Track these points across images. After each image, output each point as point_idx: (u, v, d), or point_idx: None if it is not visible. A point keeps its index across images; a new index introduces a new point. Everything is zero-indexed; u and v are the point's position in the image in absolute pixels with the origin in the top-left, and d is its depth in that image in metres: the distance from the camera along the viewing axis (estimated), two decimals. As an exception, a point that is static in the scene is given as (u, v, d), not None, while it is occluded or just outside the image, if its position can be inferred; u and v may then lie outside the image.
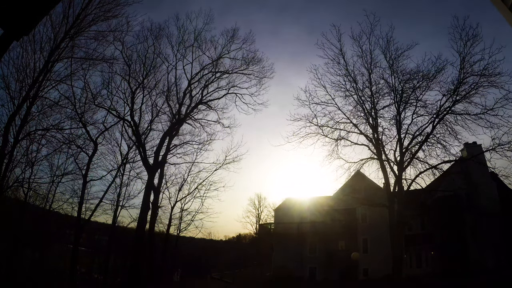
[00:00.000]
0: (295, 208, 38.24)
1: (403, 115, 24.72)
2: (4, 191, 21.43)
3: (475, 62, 21.48)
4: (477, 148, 25.50)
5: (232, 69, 30.89)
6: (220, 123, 31.67)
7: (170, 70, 30.31)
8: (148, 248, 29.02)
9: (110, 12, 22.02)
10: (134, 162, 33.11)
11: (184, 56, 30.33)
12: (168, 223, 38.95)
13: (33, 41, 20.34)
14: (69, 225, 33.02)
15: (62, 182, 29.98)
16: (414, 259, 32.37)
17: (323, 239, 34.88)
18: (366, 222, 34.53)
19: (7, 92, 20.26)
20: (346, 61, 25.71)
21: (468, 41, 21.46)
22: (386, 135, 25.26)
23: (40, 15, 3.37)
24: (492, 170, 22.61)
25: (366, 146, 25.31)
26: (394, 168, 24.21)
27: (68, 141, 25.40)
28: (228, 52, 30.44)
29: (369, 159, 25.25)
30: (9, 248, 25.29)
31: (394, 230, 23.24)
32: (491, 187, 28.01)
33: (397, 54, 24.46)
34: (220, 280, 39.94)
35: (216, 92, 31.39)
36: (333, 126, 25.58)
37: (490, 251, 26.87)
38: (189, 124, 31.61)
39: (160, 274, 35.78)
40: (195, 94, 30.80)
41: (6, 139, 18.99)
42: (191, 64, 30.41)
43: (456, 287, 20.90)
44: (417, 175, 23.42)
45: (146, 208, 27.18)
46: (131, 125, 28.36)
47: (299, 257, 34.17)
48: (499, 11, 3.65)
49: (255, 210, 63.78)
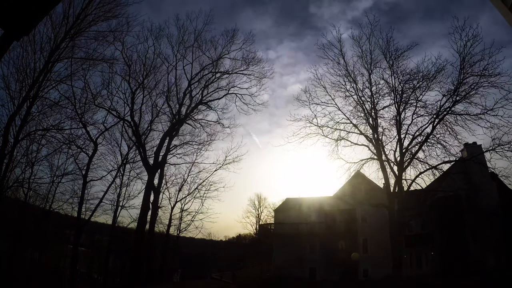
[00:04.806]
0: (295, 209, 38.19)
1: (403, 116, 24.76)
2: (4, 191, 21.43)
3: (475, 62, 21.51)
4: (477, 148, 25.50)
5: (232, 69, 30.95)
6: (220, 124, 31.73)
7: (170, 71, 30.36)
8: (148, 249, 29.01)
9: (110, 12, 22.07)
10: (134, 163, 33.17)
11: (184, 57, 30.38)
12: (168, 223, 39.00)
13: (33, 41, 20.37)
14: (69, 225, 33.02)
15: (62, 182, 30.06)
16: (414, 259, 32.35)
17: (323, 239, 34.85)
18: (366, 222, 34.49)
19: (7, 92, 20.30)
20: (346, 61, 25.77)
21: (468, 41, 21.49)
22: (386, 135, 25.29)
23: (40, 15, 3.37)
24: (492, 170, 22.61)
25: (366, 146, 25.34)
26: (394, 169, 24.23)
27: (68, 141, 25.43)
28: (228, 53, 30.50)
29: (369, 159, 25.28)
30: (9, 248, 25.29)
31: (394, 230, 23.24)
32: (491, 188, 27.97)
33: (397, 54, 24.50)
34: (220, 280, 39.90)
35: (216, 93, 31.44)
36: (333, 127, 25.63)
37: (490, 251, 26.86)
38: (189, 125, 31.65)
39: (160, 274, 35.78)
40: (195, 95, 30.84)
41: (6, 139, 18.99)
42: (191, 64, 30.46)
43: (456, 287, 20.88)
44: (417, 175, 23.44)
45: (146, 208, 27.18)
46: (131, 125, 28.36)
47: (299, 257, 34.11)
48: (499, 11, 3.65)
49: (255, 211, 63.82)
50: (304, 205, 38.26)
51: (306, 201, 39.04)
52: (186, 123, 31.15)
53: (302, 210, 37.74)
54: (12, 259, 24.85)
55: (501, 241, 26.66)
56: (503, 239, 26.65)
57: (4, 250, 25.52)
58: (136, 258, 26.41)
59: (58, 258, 34.35)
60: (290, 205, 39.38)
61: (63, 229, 35.95)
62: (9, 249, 25.23)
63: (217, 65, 30.71)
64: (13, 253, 25.13)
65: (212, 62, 30.48)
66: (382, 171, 24.22)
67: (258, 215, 63.34)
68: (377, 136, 24.79)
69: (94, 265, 44.79)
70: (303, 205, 38.35)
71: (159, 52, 29.91)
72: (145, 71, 28.70)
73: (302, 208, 37.97)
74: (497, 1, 3.62)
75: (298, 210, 37.85)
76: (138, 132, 28.55)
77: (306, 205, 38.21)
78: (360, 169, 25.96)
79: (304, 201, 39.32)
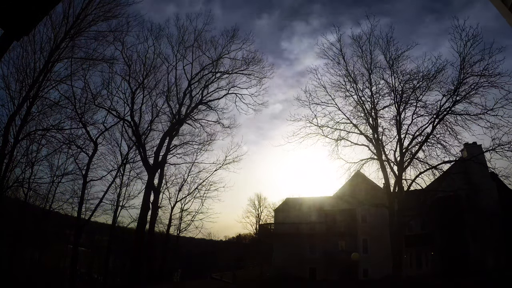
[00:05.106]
0: (295, 209, 38.20)
1: (403, 116, 24.74)
2: (4, 191, 21.42)
3: (475, 62, 21.48)
4: (477, 148, 25.47)
5: (232, 69, 30.96)
6: (220, 123, 31.76)
7: (170, 70, 30.38)
8: (148, 249, 29.01)
9: (110, 12, 22.08)
10: (134, 162, 33.15)
11: (184, 56, 30.41)
12: (168, 223, 39.01)
13: (33, 41, 20.36)
14: (69, 225, 32.99)
15: (62, 182, 30.01)
16: (414, 259, 32.35)
17: (323, 239, 34.86)
18: (366, 222, 34.50)
19: (7, 92, 20.31)
20: (346, 61, 25.75)
21: (468, 41, 21.48)
22: (386, 135, 25.27)
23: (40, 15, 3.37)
24: (492, 171, 22.59)
25: (366, 146, 25.33)
26: (394, 169, 24.21)
27: (68, 141, 25.42)
28: (228, 52, 30.51)
29: (369, 159, 25.26)
30: (9, 248, 25.28)
31: (394, 230, 23.23)
32: (491, 188, 27.97)
33: (397, 54, 24.49)
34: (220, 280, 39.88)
35: (216, 92, 31.46)
36: (333, 127, 25.61)
37: (490, 251, 26.86)
38: (189, 124, 31.68)
39: (160, 274, 35.77)
40: (195, 94, 30.85)
41: (6, 139, 18.99)
42: (191, 64, 30.48)
43: (456, 287, 20.88)
44: (417, 175, 23.42)
45: (146, 208, 27.19)
46: (131, 125, 28.37)
47: (299, 257, 34.12)
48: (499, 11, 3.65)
49: (255, 211, 63.79)
50: (304, 205, 38.27)
51: (306, 201, 39.06)
52: (186, 123, 31.19)
53: (302, 210, 37.76)
54: (12, 259, 24.83)
55: (501, 241, 26.66)
56: (503, 239, 26.65)
57: (4, 250, 25.50)
58: (136, 258, 26.42)
59: (58, 258, 34.30)
60: (290, 205, 39.39)
61: (63, 229, 35.91)
62: (9, 249, 25.22)
63: (217, 65, 30.76)
64: (13, 253, 25.11)
65: (212, 62, 30.52)
66: (382, 171, 24.21)
67: (258, 215, 63.37)
68: (377, 136, 24.78)
69: (94, 265, 44.77)
70: (303, 205, 38.36)
71: (159, 52, 29.96)
72: (145, 71, 28.75)
73: (302, 208, 37.99)
74: (497, 1, 3.62)
75: (298, 210, 37.86)
76: (138, 132, 28.55)
77: (306, 205, 38.22)
78: (360, 169, 25.97)
79: (304, 201, 39.34)
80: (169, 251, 43.53)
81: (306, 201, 39.01)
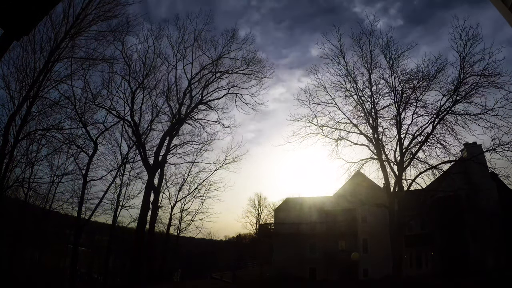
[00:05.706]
0: (295, 208, 38.18)
1: (403, 115, 24.70)
2: (4, 191, 21.43)
3: (475, 62, 21.42)
4: (477, 148, 25.46)
5: (232, 69, 30.95)
6: (220, 123, 31.79)
7: (170, 70, 30.38)
8: (148, 248, 29.02)
9: (110, 12, 22.10)
10: (134, 162, 33.17)
11: (184, 56, 30.41)
12: (168, 223, 39.04)
13: (33, 41, 20.37)
14: (69, 225, 33.00)
15: (62, 182, 30.02)
16: (414, 259, 32.35)
17: (323, 239, 34.85)
18: (366, 222, 34.48)
19: (7, 92, 20.32)
20: (346, 61, 25.74)
21: (468, 41, 21.45)
22: (386, 135, 25.24)
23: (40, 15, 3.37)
24: (492, 170, 22.55)
25: (366, 146, 25.30)
26: (394, 168, 24.19)
27: (68, 141, 25.45)
28: (228, 52, 30.50)
29: (369, 159, 25.24)
30: (9, 248, 25.29)
31: (394, 230, 23.22)
32: (491, 188, 27.96)
33: (397, 54, 24.47)
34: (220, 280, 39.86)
35: (216, 92, 31.46)
36: (333, 126, 25.59)
37: (490, 251, 26.86)
38: (189, 124, 31.69)
39: (160, 274, 35.78)
40: (195, 94, 30.84)
41: (6, 139, 19.00)
42: (191, 64, 30.48)
43: (456, 287, 20.88)
44: (417, 175, 23.38)
45: (146, 208, 27.20)
46: (131, 125, 28.38)
47: (299, 257, 34.10)
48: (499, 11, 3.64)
49: (255, 210, 63.86)
50: (304, 205, 38.26)
51: (306, 201, 39.04)
52: (186, 122, 31.20)
53: (302, 210, 37.74)
54: (12, 259, 24.84)
55: (501, 241, 26.65)
56: (503, 239, 26.64)
57: (4, 250, 25.51)
58: (136, 258, 26.42)
59: (58, 258, 34.29)
60: (290, 205, 39.37)
61: (63, 229, 35.88)
62: (9, 249, 25.22)
63: (217, 64, 30.75)
64: (13, 253, 25.12)
65: (212, 61, 30.52)
66: (382, 171, 24.19)
67: (258, 214, 63.44)
68: (377, 136, 24.77)
69: (94, 265, 44.79)
70: (303, 205, 38.35)
71: (159, 51, 29.97)
72: (145, 70, 28.76)
73: (302, 207, 37.97)
74: (497, 1, 3.62)
75: (298, 210, 37.85)
76: (138, 132, 28.56)
77: (306, 205, 38.21)
78: (360, 169, 25.92)
79: (304, 201, 39.32)
80: (169, 251, 43.54)
81: (306, 201, 39.00)
